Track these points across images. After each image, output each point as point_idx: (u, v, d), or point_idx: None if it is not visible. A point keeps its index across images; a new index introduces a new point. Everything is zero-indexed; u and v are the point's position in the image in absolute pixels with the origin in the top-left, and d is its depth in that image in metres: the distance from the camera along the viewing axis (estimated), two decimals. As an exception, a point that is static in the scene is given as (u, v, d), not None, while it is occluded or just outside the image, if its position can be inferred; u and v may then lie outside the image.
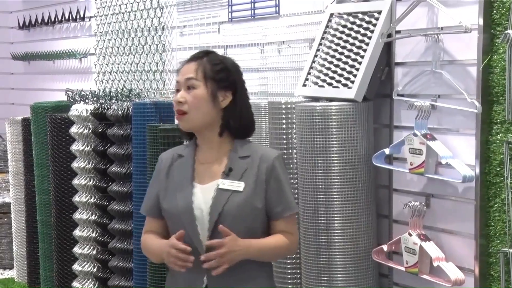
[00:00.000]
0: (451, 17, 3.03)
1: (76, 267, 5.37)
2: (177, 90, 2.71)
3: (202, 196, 2.66)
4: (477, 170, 3.02)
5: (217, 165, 2.71)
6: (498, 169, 2.97)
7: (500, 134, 2.95)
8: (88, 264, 5.31)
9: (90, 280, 5.31)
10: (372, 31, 3.36)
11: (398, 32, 3.34)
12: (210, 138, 2.72)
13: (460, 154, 3.09)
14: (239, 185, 2.66)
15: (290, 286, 3.59)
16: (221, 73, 2.70)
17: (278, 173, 2.70)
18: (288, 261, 3.59)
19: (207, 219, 2.64)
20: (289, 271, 3.58)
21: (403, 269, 3.27)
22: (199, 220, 2.64)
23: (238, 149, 2.72)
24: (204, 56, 2.73)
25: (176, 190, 2.69)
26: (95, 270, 5.24)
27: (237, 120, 2.72)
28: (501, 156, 2.95)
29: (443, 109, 3.16)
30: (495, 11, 2.94)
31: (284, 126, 3.60)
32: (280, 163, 2.72)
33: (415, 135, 3.15)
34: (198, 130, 2.72)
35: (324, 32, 3.61)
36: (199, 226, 2.64)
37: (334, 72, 3.48)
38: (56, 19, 6.49)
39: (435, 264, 3.11)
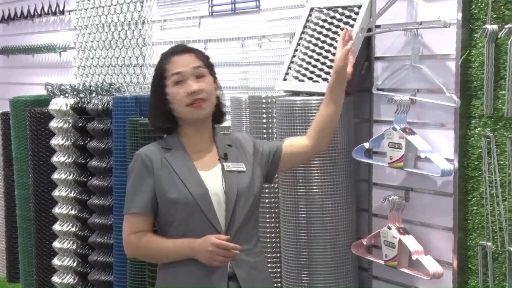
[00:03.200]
0: (430, 12, 3.05)
1: (55, 261, 5.35)
2: (180, 82, 2.77)
3: (212, 181, 2.76)
4: (456, 164, 3.04)
5: (211, 151, 2.85)
6: (476, 163, 2.99)
7: (479, 128, 2.97)
8: (68, 258, 5.30)
9: (69, 275, 5.29)
10: (352, 26, 3.37)
11: (378, 26, 3.35)
12: (206, 125, 2.84)
13: (439, 148, 3.11)
14: (241, 166, 2.83)
15: (270, 280, 3.60)
16: (211, 62, 2.88)
17: (258, 141, 3.03)
18: (268, 255, 3.59)
19: (224, 202, 2.74)
20: (269, 265, 3.58)
21: (382, 262, 3.28)
22: (216, 204, 2.74)
23: (221, 137, 2.90)
24: (192, 49, 2.86)
25: (183, 180, 2.74)
26: (75, 264, 5.23)
27: (223, 106, 2.93)
28: (479, 150, 2.97)
29: (422, 103, 3.17)
30: (473, 6, 2.95)
31: (264, 120, 3.60)
32: (252, 137, 3.07)
33: (394, 129, 3.17)
34: (207, 117, 2.84)
35: (305, 27, 3.61)
36: (217, 210, 2.73)
37: (315, 66, 3.48)
38: (36, 13, 6.45)
39: (414, 257, 3.12)
